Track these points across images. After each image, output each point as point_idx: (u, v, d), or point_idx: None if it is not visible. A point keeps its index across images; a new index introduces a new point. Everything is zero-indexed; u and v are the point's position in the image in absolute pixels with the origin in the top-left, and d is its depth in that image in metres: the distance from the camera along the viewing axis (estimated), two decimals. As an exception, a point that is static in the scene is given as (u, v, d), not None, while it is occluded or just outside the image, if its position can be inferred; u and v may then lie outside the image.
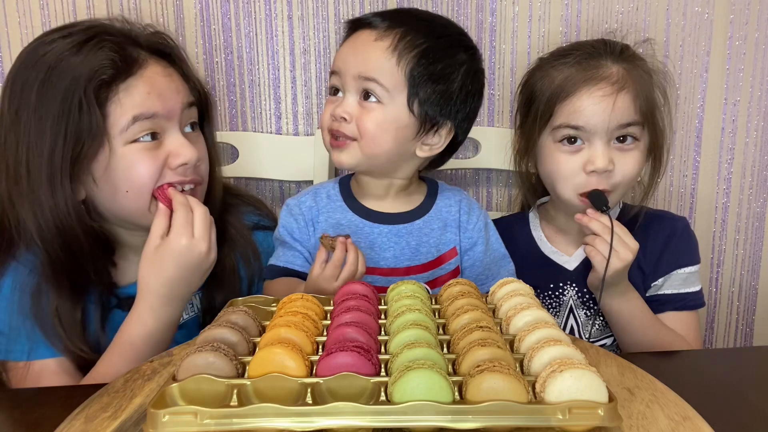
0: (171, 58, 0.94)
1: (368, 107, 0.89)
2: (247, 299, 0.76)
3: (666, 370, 0.67)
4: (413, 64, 0.89)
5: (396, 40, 0.89)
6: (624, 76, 0.97)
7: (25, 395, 0.79)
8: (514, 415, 0.50)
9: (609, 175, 0.96)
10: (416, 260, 0.94)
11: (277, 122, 1.26)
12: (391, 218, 0.95)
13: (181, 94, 0.92)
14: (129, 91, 0.87)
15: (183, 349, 0.73)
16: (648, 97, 0.99)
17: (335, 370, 0.55)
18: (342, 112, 0.89)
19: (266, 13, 1.22)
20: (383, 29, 0.90)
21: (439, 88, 0.90)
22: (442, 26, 0.95)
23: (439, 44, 0.91)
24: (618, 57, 0.99)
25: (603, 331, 1.05)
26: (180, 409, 0.51)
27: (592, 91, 0.96)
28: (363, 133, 0.89)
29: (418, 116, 0.90)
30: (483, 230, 0.98)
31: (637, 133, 0.98)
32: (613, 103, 0.95)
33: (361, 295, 0.71)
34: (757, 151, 1.31)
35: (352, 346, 0.57)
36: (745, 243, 1.35)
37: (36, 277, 0.90)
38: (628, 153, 0.97)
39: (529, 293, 0.72)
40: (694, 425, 0.56)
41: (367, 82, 0.89)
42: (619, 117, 0.95)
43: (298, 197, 1.00)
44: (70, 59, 0.85)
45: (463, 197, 1.01)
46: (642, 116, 0.97)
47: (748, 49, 1.27)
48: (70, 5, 1.18)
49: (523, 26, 1.24)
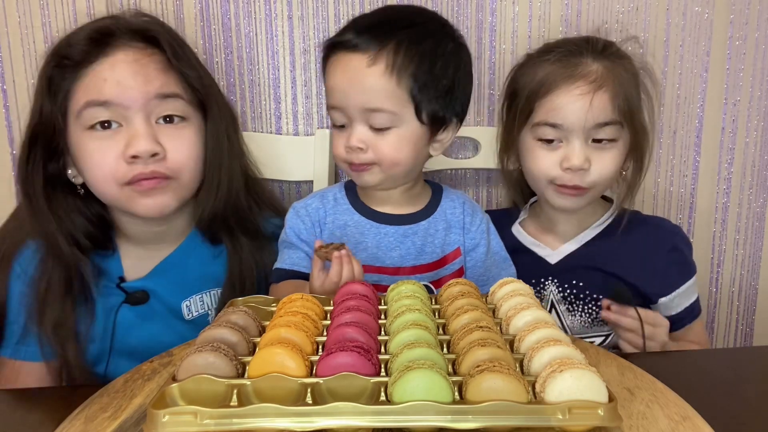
0: (158, 44, 0.91)
1: (381, 133, 0.88)
2: (247, 299, 0.76)
3: (666, 370, 0.67)
4: (414, 79, 0.87)
5: (390, 59, 0.86)
6: (603, 75, 0.96)
7: (26, 395, 0.79)
8: (514, 415, 0.50)
9: (585, 173, 0.97)
10: (421, 260, 0.95)
11: (277, 122, 1.26)
12: (397, 219, 0.95)
13: (154, 83, 0.89)
14: (90, 75, 0.87)
15: (183, 349, 0.73)
16: (628, 96, 0.98)
17: (335, 370, 0.55)
18: (357, 143, 0.88)
19: (266, 13, 1.22)
20: (374, 51, 0.86)
21: (442, 89, 0.90)
22: (423, 24, 0.92)
23: (429, 46, 0.89)
24: (599, 54, 0.99)
25: (591, 328, 1.05)
26: (180, 409, 0.51)
27: (570, 90, 0.96)
28: (382, 159, 0.89)
29: (428, 123, 0.90)
30: (485, 232, 0.99)
31: (615, 134, 0.97)
32: (590, 102, 0.94)
33: (361, 295, 0.71)
34: (757, 151, 1.31)
35: (352, 346, 0.57)
36: (745, 243, 1.35)
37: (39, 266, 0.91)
38: (605, 152, 0.97)
39: (529, 293, 0.72)
40: (694, 425, 0.56)
41: (374, 114, 0.87)
42: (596, 116, 0.95)
43: (305, 200, 1.00)
44: (60, 41, 0.90)
45: (466, 199, 1.01)
46: (621, 115, 0.97)
47: (748, 49, 1.27)
48: (70, 5, 1.18)
49: (523, 26, 1.24)
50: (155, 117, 0.90)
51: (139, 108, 0.88)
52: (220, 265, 1.01)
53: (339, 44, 0.89)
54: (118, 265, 0.98)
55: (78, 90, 0.88)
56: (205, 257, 1.01)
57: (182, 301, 0.98)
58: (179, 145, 0.91)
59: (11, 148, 1.21)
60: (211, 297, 1.01)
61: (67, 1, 1.18)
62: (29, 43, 1.18)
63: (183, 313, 0.98)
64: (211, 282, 1.01)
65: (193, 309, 0.98)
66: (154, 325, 0.97)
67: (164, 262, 0.99)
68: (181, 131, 0.92)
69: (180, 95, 0.92)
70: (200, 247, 1.01)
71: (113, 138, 0.87)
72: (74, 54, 0.88)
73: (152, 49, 0.91)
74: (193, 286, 1.00)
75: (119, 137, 0.87)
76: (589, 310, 1.04)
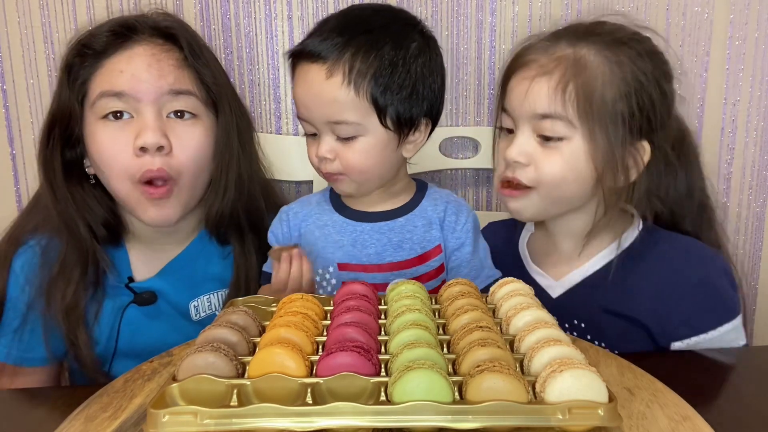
0: (177, 41, 0.93)
1: (347, 143, 0.88)
2: (247, 299, 0.76)
3: (666, 370, 0.67)
4: (372, 86, 0.85)
5: (346, 69, 0.84)
6: (559, 62, 0.85)
7: (25, 395, 0.79)
8: (514, 415, 0.50)
9: (523, 169, 0.88)
10: (399, 256, 0.95)
11: (277, 122, 1.26)
12: (374, 216, 0.96)
13: (167, 78, 0.90)
14: (108, 66, 0.90)
15: (183, 349, 0.73)
16: (591, 91, 0.83)
17: (335, 370, 0.55)
18: (324, 153, 0.88)
19: (266, 13, 1.22)
20: (331, 60, 0.85)
21: (405, 92, 0.87)
22: (383, 26, 0.88)
23: (387, 49, 0.86)
24: (580, 37, 0.87)
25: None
26: (180, 409, 0.51)
27: (519, 73, 0.89)
28: (350, 169, 0.88)
29: (394, 128, 0.88)
30: (471, 231, 0.98)
31: (562, 130, 0.85)
32: (526, 90, 0.86)
33: (361, 295, 0.71)
34: (757, 151, 1.31)
35: (352, 346, 0.57)
36: (745, 243, 1.35)
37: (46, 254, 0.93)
38: (548, 152, 0.87)
39: (529, 293, 0.72)
40: (694, 425, 0.56)
41: (337, 126, 0.87)
42: (532, 105, 0.85)
43: (290, 205, 1.00)
44: (84, 32, 0.93)
45: (452, 199, 1.00)
46: (567, 111, 0.84)
47: (748, 49, 1.27)
48: (70, 5, 1.18)
49: (523, 26, 1.24)
50: (166, 111, 0.91)
51: (150, 101, 0.89)
52: (228, 265, 1.01)
53: (300, 53, 0.88)
54: (126, 265, 0.98)
55: (95, 80, 0.90)
56: (214, 258, 1.02)
57: (190, 302, 0.99)
58: (186, 142, 0.92)
59: (11, 148, 1.21)
60: (218, 298, 1.01)
61: (67, 1, 1.18)
62: (29, 43, 1.18)
63: (191, 313, 0.99)
64: (219, 282, 1.01)
65: (201, 310, 0.99)
66: (161, 326, 0.97)
67: (173, 262, 1.00)
68: (190, 127, 0.93)
69: (193, 92, 0.93)
70: (208, 247, 1.02)
71: (124, 129, 0.89)
72: (95, 44, 0.90)
73: (170, 45, 0.93)
74: (201, 287, 1.00)
75: (130, 128, 0.89)
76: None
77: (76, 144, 0.93)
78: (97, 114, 0.89)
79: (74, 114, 0.91)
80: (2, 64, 1.19)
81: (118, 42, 0.90)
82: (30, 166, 1.22)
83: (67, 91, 0.91)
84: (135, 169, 0.89)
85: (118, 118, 0.89)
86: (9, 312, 0.94)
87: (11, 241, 0.96)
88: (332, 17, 0.92)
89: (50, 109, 0.94)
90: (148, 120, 0.88)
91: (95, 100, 0.89)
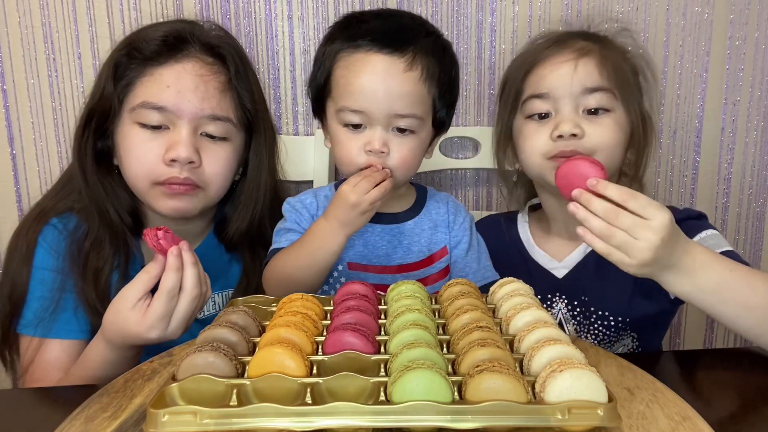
0: (225, 61, 0.95)
1: (403, 137, 0.87)
2: (247, 299, 0.76)
3: (666, 370, 0.67)
4: (437, 87, 0.89)
5: (425, 66, 0.86)
6: (589, 46, 0.94)
7: (25, 395, 0.79)
8: (513, 415, 0.50)
9: (579, 142, 0.90)
10: (408, 259, 0.96)
11: (277, 122, 1.25)
12: (385, 218, 0.96)
13: (210, 101, 0.92)
14: (155, 76, 0.91)
15: (183, 349, 0.73)
16: (618, 68, 0.94)
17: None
18: (381, 146, 0.86)
19: (266, 13, 1.22)
20: (409, 56, 0.85)
21: (452, 97, 0.93)
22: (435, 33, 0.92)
23: (447, 55, 0.92)
24: (589, 37, 0.97)
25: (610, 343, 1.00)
26: (180, 408, 0.51)
27: (555, 58, 0.94)
28: (400, 163, 0.88)
29: (436, 130, 0.93)
30: (468, 229, 0.99)
31: (608, 102, 0.92)
32: (575, 67, 0.92)
33: (361, 295, 0.71)
34: (757, 151, 1.31)
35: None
36: (745, 243, 1.35)
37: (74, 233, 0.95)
38: (599, 121, 0.92)
39: (529, 293, 0.72)
40: (694, 425, 0.56)
41: (401, 119, 0.86)
42: (582, 79, 0.91)
43: (299, 197, 1.01)
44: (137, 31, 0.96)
45: (450, 199, 1.02)
46: (611, 84, 0.92)
47: (748, 49, 1.27)
48: (70, 5, 1.18)
49: (523, 26, 1.24)
50: (201, 130, 0.93)
51: (189, 119, 0.91)
52: (234, 267, 1.04)
53: (364, 44, 0.86)
54: (140, 263, 0.98)
55: (140, 85, 0.91)
56: (220, 260, 1.04)
57: None
58: (215, 161, 0.94)
59: (11, 148, 1.21)
60: (223, 298, 1.03)
61: (67, 1, 1.18)
62: (29, 43, 1.18)
63: None
64: (224, 283, 1.03)
65: (205, 309, 0.99)
66: None
67: None
68: (220, 148, 0.95)
69: (230, 119, 0.95)
70: (216, 249, 1.04)
71: (157, 139, 0.91)
72: (146, 49, 0.92)
73: (218, 66, 0.95)
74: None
75: (162, 139, 0.91)
76: (594, 330, 0.98)
77: (108, 136, 0.95)
78: (135, 119, 0.91)
79: (113, 110, 0.93)
80: (2, 64, 1.19)
81: (169, 53, 0.92)
82: (30, 166, 1.22)
83: (111, 87, 0.92)
84: (159, 173, 0.91)
85: (155, 128, 0.91)
86: (36, 286, 0.94)
87: (38, 218, 0.97)
88: (376, 16, 0.91)
89: (90, 100, 0.95)
90: (183, 135, 0.90)
91: (136, 107, 0.91)
